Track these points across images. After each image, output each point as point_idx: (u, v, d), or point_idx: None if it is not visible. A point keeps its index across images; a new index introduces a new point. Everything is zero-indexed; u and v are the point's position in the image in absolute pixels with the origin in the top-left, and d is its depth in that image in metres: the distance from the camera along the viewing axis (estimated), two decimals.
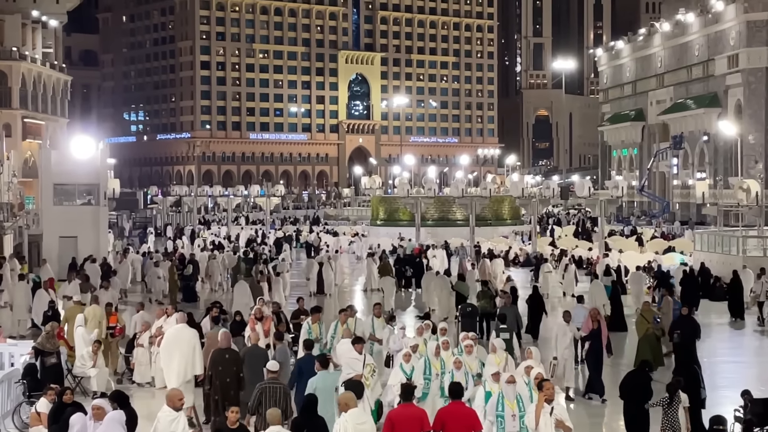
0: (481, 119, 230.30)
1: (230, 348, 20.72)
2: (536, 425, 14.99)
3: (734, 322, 38.15)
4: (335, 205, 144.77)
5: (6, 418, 20.48)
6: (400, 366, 19.41)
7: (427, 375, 19.18)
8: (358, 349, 19.96)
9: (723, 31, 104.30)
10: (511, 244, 69.24)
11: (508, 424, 15.45)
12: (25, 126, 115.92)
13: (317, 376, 18.19)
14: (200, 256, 52.13)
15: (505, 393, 15.73)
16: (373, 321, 24.44)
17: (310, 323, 24.28)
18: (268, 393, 17.32)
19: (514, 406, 15.62)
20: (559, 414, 15.19)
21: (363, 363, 19.77)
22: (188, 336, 21.68)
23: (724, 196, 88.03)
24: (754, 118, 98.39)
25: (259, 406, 17.24)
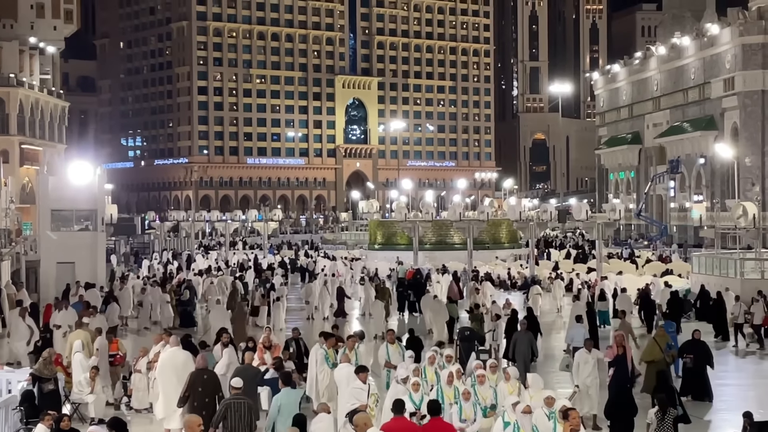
0: (478, 143, 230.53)
1: (207, 369, 20.96)
2: None
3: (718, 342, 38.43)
4: (333, 229, 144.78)
5: None
6: (409, 396, 18.43)
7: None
8: (362, 378, 19.42)
9: (719, 55, 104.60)
10: (509, 267, 69.17)
11: None
12: (23, 152, 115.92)
13: (281, 393, 18.68)
14: (196, 281, 52.15)
15: (520, 423, 15.31)
16: (387, 347, 23.94)
17: (327, 349, 24.08)
18: (232, 408, 17.81)
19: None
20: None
21: (368, 393, 19.21)
22: (182, 359, 22.05)
23: (722, 219, 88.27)
24: (751, 141, 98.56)
25: (223, 420, 17.75)
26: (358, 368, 20.08)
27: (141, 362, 25.31)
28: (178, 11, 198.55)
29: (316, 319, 46.68)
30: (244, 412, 17.92)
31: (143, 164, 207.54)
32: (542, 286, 54.50)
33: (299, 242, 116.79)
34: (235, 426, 17.89)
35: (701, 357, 26.32)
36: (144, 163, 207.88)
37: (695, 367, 25.64)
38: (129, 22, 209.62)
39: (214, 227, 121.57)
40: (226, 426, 17.81)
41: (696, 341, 27.19)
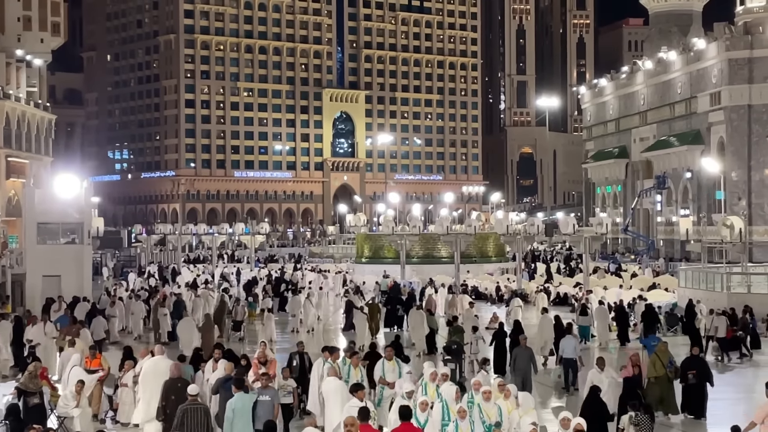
0: (465, 157, 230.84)
1: (181, 378, 21.76)
2: None
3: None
4: (320, 242, 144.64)
5: None
6: (415, 415, 17.88)
7: (445, 421, 18.13)
8: (359, 396, 19.09)
9: (705, 69, 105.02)
10: (497, 281, 69.22)
11: None
12: (9, 165, 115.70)
13: (235, 398, 19.71)
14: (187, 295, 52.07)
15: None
16: (383, 364, 23.53)
17: (331, 362, 24.07)
18: (189, 413, 18.95)
19: None
20: None
21: None
22: (164, 367, 22.86)
23: (708, 233, 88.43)
24: (737, 155, 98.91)
25: (181, 426, 18.84)
26: (355, 386, 19.82)
27: (127, 376, 25.28)
28: (165, 24, 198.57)
29: (300, 332, 46.76)
30: (201, 417, 19.01)
31: (130, 177, 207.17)
32: (528, 299, 54.63)
33: (286, 255, 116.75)
34: (192, 428, 18.89)
35: (701, 374, 26.20)
36: (131, 176, 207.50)
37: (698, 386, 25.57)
38: (116, 35, 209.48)
39: (201, 240, 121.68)
40: (186, 430, 18.83)
41: (696, 358, 27.03)
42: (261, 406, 19.74)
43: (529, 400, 19.09)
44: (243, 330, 43.50)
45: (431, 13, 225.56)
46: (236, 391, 19.94)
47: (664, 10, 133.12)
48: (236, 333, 43.04)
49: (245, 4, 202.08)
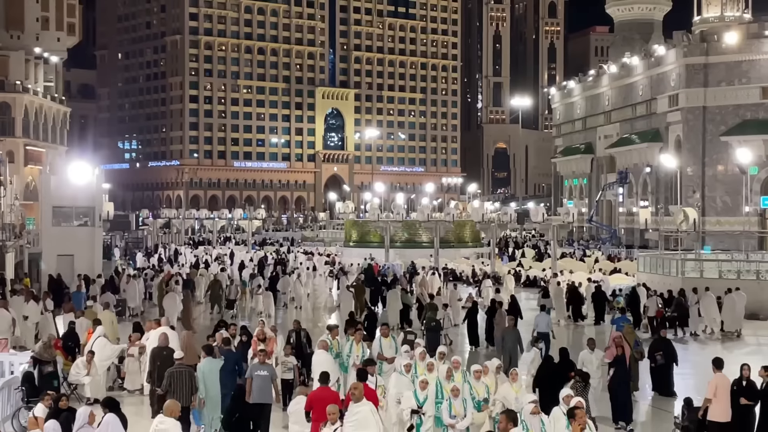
0: (445, 151, 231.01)
1: (167, 347, 22.20)
2: None
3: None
4: (312, 228, 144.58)
5: (5, 422, 20.35)
6: (414, 393, 17.65)
7: (438, 399, 17.65)
8: (369, 371, 18.68)
9: (664, 73, 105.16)
10: (473, 265, 69.29)
11: None
12: (27, 153, 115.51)
13: (203, 362, 20.37)
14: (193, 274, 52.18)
15: (529, 425, 14.28)
16: (381, 341, 23.25)
17: (331, 339, 23.79)
18: (175, 376, 19.60)
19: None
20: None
21: (375, 384, 18.35)
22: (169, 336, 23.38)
23: (665, 223, 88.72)
24: (692, 152, 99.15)
25: (169, 386, 19.51)
26: (366, 361, 19.72)
27: (133, 348, 25.28)
28: (172, 26, 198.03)
29: (289, 307, 46.90)
30: (186, 379, 19.61)
31: (138, 166, 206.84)
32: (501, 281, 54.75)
33: (280, 239, 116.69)
34: (178, 389, 19.45)
35: (668, 355, 25.75)
36: (139, 164, 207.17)
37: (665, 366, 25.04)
38: (127, 35, 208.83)
39: (203, 224, 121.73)
40: (173, 390, 19.40)
41: (662, 339, 26.48)
42: (258, 380, 19.41)
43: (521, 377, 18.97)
44: (236, 308, 43.34)
45: (415, 19, 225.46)
46: (205, 357, 20.58)
47: (627, 19, 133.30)
48: (229, 311, 42.52)
49: (245, 8, 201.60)
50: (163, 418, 14.17)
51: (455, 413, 16.54)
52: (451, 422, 16.55)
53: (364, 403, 15.80)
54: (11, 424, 20.60)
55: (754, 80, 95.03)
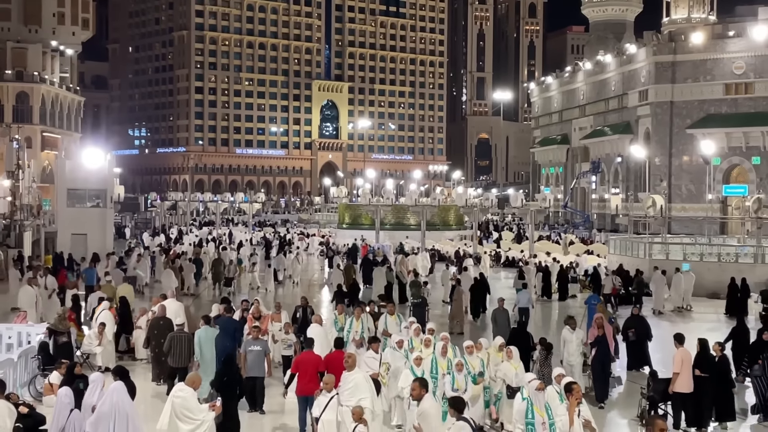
0: (431, 140, 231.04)
1: (165, 316, 22.77)
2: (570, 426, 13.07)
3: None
4: (308, 210, 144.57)
5: (23, 388, 20.39)
6: (411, 369, 17.11)
7: (433, 374, 17.30)
8: (374, 348, 18.55)
9: (635, 70, 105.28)
10: (457, 246, 69.31)
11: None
12: (44, 139, 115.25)
13: (201, 330, 20.97)
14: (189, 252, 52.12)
15: (534, 400, 13.79)
16: (386, 318, 23.08)
17: (337, 314, 23.79)
18: (176, 340, 20.62)
19: (544, 413, 13.48)
20: (586, 415, 13.40)
21: (379, 362, 18.21)
22: (174, 308, 24.29)
23: (634, 209, 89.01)
24: (660, 144, 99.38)
25: (169, 349, 20.61)
26: (371, 339, 19.39)
27: (141, 320, 25.26)
28: (179, 22, 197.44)
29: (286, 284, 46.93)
30: (185, 343, 20.66)
31: (147, 152, 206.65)
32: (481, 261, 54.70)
33: (278, 221, 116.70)
34: (178, 352, 20.56)
35: (642, 331, 25.11)
36: (148, 150, 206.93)
37: (637, 340, 24.25)
38: (137, 30, 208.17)
39: (207, 207, 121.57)
40: (172, 352, 20.54)
41: (636, 317, 25.59)
42: (251, 355, 19.19)
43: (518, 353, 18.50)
44: (233, 285, 43.16)
45: (405, 18, 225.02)
46: (203, 325, 21.17)
47: (602, 19, 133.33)
48: (227, 288, 42.09)
49: (247, 6, 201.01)
50: (183, 386, 13.99)
51: (457, 387, 16.23)
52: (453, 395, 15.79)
53: (357, 371, 15.81)
54: (28, 389, 20.67)
55: (718, 77, 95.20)
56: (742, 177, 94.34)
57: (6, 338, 23.63)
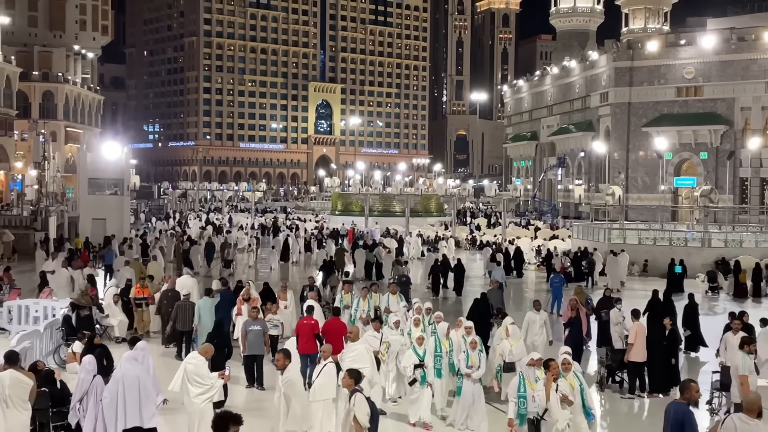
0: (415, 136, 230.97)
1: (174, 290, 23.40)
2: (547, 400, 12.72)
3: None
4: (304, 198, 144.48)
5: (48, 356, 20.38)
6: (413, 348, 16.37)
7: (438, 353, 16.60)
8: (375, 327, 17.84)
9: (597, 75, 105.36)
10: (437, 230, 69.42)
11: (530, 405, 13.03)
12: (67, 134, 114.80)
13: (201, 300, 21.80)
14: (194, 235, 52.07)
15: (525, 375, 13.34)
16: (389, 297, 22.52)
17: (343, 293, 23.40)
18: (181, 308, 21.53)
19: (535, 387, 13.16)
20: (563, 390, 12.98)
21: (380, 340, 17.45)
22: (190, 283, 25.28)
23: (595, 198, 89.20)
24: (619, 140, 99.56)
25: (175, 316, 21.50)
26: (373, 318, 18.79)
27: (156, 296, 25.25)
28: (189, 29, 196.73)
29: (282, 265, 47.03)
30: (189, 310, 21.51)
31: (160, 145, 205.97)
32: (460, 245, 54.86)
33: (278, 207, 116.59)
34: (183, 317, 21.47)
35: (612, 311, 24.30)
36: (160, 144, 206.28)
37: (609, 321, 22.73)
38: (151, 36, 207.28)
39: (214, 194, 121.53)
40: (178, 318, 21.43)
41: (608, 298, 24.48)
42: (252, 334, 18.73)
43: (517, 332, 17.86)
44: (232, 267, 42.92)
45: (392, 27, 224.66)
46: (203, 297, 21.97)
47: (567, 29, 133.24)
48: (227, 269, 41.49)
49: (251, 15, 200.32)
50: (196, 354, 13.94)
51: (471, 363, 15.64)
52: (467, 372, 15.62)
53: (360, 342, 15.78)
54: (53, 357, 20.66)
55: (671, 81, 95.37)
56: (691, 170, 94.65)
57: (33, 312, 23.64)
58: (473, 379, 15.55)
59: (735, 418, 9.91)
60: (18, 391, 11.47)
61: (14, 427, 11.22)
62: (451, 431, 15.62)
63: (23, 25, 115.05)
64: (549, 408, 12.62)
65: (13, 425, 11.24)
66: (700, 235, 47.48)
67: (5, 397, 11.41)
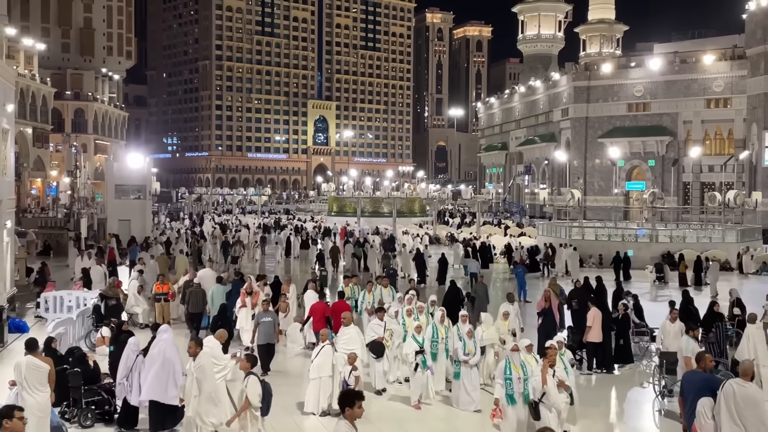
0: (401, 147, 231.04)
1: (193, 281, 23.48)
2: (543, 384, 12.27)
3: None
4: (304, 201, 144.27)
5: (80, 341, 20.32)
6: (413, 336, 15.96)
7: (434, 338, 16.13)
8: (380, 317, 17.31)
9: (559, 93, 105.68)
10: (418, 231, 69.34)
11: (515, 386, 12.66)
12: (96, 146, 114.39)
13: (214, 287, 22.21)
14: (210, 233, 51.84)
15: (510, 359, 12.92)
16: (381, 290, 22.09)
17: (344, 286, 23.08)
18: (193, 294, 21.74)
19: (519, 370, 12.71)
20: (560, 375, 12.65)
21: (384, 328, 17.04)
22: (210, 274, 25.19)
23: (558, 200, 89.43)
24: (578, 150, 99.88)
25: (187, 300, 21.89)
26: (377, 309, 18.11)
27: (174, 287, 25.18)
28: (203, 53, 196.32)
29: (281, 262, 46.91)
30: (200, 296, 21.77)
31: (178, 155, 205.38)
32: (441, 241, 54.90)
33: (281, 209, 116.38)
34: (194, 302, 21.66)
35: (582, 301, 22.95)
36: (178, 154, 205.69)
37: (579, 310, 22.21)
38: (170, 60, 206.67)
39: (225, 198, 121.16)
40: (191, 302, 21.62)
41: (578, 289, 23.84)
42: (264, 325, 17.91)
43: (489, 319, 17.40)
44: (239, 263, 42.60)
45: (380, 51, 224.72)
46: (216, 284, 22.43)
47: (533, 53, 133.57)
48: (234, 265, 40.51)
49: (256, 41, 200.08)
50: (211, 338, 13.92)
51: (468, 351, 15.27)
52: (465, 359, 15.20)
53: (352, 327, 15.77)
54: (84, 341, 20.61)
55: (623, 98, 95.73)
56: (640, 175, 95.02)
57: (67, 302, 23.59)
58: (470, 365, 15.25)
59: (733, 383, 10.07)
60: (35, 374, 11.39)
61: (32, 406, 11.14)
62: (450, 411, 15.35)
63: (57, 51, 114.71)
64: (546, 392, 12.26)
65: (31, 404, 11.16)
66: (649, 232, 47.70)
67: (22, 380, 11.36)
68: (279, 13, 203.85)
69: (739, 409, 9.76)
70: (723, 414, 9.85)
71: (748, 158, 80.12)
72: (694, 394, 10.54)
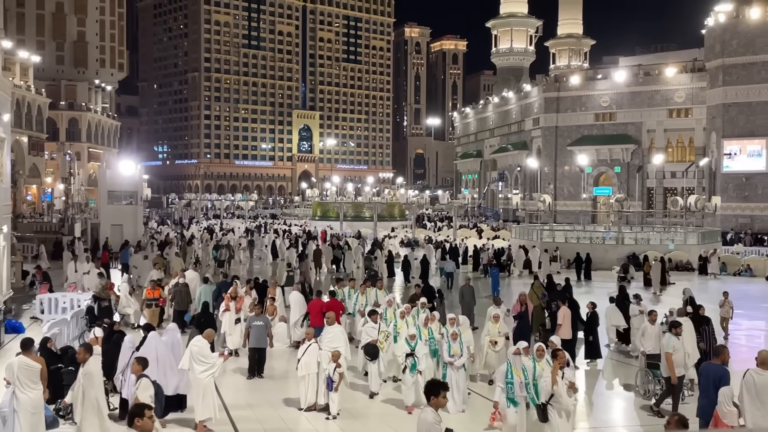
0: (381, 154, 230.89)
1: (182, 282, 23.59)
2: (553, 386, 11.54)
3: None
4: (289, 206, 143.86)
5: (74, 340, 20.13)
6: (406, 341, 15.52)
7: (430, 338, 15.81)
8: (374, 319, 17.02)
9: (530, 103, 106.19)
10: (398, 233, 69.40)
11: (517, 390, 12.25)
12: (90, 153, 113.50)
13: (202, 287, 22.38)
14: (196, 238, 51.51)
15: (512, 363, 12.52)
16: (376, 292, 21.75)
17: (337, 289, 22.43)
18: (177, 292, 22.25)
19: (521, 374, 12.21)
20: (570, 377, 12.02)
21: (378, 330, 16.76)
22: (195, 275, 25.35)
23: (529, 205, 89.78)
24: (548, 157, 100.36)
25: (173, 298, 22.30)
26: (371, 311, 17.54)
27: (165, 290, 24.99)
28: (192, 65, 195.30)
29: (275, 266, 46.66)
30: (184, 294, 22.38)
31: (168, 163, 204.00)
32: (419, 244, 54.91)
33: (267, 214, 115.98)
34: (179, 300, 22.19)
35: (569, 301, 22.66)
36: (168, 162, 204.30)
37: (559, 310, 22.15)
38: (160, 71, 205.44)
39: (213, 204, 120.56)
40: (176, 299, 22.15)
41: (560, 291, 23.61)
42: (255, 329, 17.43)
43: (466, 322, 16.60)
44: (225, 267, 42.22)
45: (362, 64, 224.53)
46: (202, 284, 22.70)
47: (506, 65, 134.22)
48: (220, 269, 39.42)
49: (243, 54, 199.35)
50: (200, 338, 13.82)
51: (453, 353, 14.90)
52: (450, 360, 14.89)
53: (336, 326, 15.84)
54: (78, 341, 20.41)
55: (590, 108, 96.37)
56: (607, 181, 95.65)
57: (62, 303, 23.38)
58: (455, 367, 14.97)
59: (752, 372, 10.50)
60: (26, 373, 11.35)
61: (25, 403, 11.20)
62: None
63: (52, 63, 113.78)
64: (556, 394, 11.62)
65: (25, 401, 11.22)
66: (615, 235, 48.00)
67: (15, 379, 11.34)
68: (265, 27, 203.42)
69: (759, 395, 10.29)
70: (746, 401, 10.36)
71: (708, 165, 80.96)
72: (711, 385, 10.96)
